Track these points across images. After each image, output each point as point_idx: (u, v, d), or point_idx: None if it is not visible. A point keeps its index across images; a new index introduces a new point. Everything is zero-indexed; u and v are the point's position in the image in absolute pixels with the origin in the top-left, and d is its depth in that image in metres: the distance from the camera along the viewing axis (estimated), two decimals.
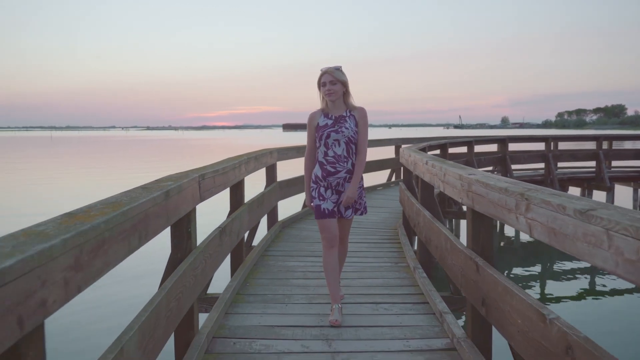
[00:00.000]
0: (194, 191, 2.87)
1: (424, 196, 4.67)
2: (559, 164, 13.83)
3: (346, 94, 3.48)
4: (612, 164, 15.10)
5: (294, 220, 7.05)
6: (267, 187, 6.14)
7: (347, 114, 3.49)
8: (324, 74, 3.44)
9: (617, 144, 20.98)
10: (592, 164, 13.36)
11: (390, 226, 6.90)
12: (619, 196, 13.91)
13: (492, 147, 13.49)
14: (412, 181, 5.89)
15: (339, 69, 3.45)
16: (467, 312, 3.00)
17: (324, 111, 3.53)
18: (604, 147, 13.69)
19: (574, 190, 14.24)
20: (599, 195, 13.77)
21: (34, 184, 20.99)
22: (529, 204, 2.04)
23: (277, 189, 6.44)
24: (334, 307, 3.49)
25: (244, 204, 4.67)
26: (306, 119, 3.58)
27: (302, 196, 7.24)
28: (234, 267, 4.56)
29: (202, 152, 46.71)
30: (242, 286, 4.20)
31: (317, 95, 3.53)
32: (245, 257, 4.81)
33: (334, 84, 3.41)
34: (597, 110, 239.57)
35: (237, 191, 4.55)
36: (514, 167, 12.87)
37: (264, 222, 6.27)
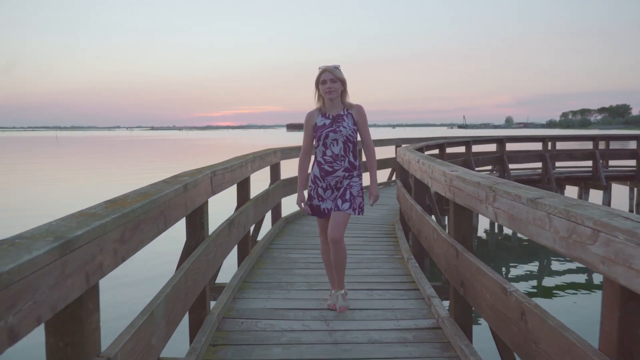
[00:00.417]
0: (207, 186, 3.23)
1: (417, 192, 5.03)
2: (557, 164, 14.15)
3: (344, 93, 3.48)
4: (610, 163, 15.42)
5: (296, 216, 7.40)
6: (271, 184, 6.50)
7: (345, 113, 3.49)
8: (323, 71, 3.42)
9: (622, 144, 21.24)
10: (590, 163, 13.67)
11: (388, 222, 7.25)
12: (616, 195, 14.17)
13: (492, 147, 13.76)
14: (408, 179, 6.23)
15: (337, 68, 3.44)
16: (450, 294, 3.35)
17: (321, 110, 3.53)
18: (602, 147, 14.02)
19: (571, 189, 14.51)
20: (596, 194, 14.05)
21: (42, 184, 21.40)
22: (495, 195, 2.39)
23: (281, 187, 6.79)
24: (334, 292, 3.74)
25: (250, 199, 5.02)
26: None
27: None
28: (241, 258, 4.91)
29: (204, 152, 47.02)
30: (248, 275, 4.57)
31: (314, 94, 3.51)
32: (251, 249, 5.17)
33: (334, 82, 3.40)
34: (601, 110, 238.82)
35: (244, 187, 4.91)
36: (513, 166, 13.16)
37: (268, 218, 6.61)
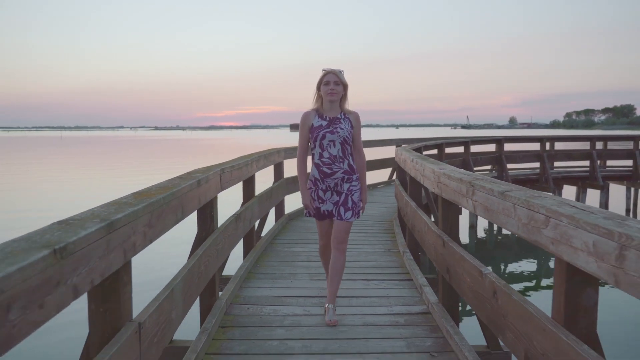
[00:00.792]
0: (217, 182, 3.54)
1: (411, 189, 5.34)
2: (555, 163, 14.42)
3: (344, 98, 3.51)
4: (608, 163, 15.67)
5: (299, 213, 7.70)
6: (275, 182, 6.81)
7: (342, 117, 3.51)
8: (328, 73, 3.44)
9: (622, 145, 21.44)
10: (587, 163, 13.93)
11: (387, 219, 7.55)
12: (613, 195, 14.41)
13: (492, 147, 13.97)
14: (405, 177, 6.53)
15: (342, 72, 3.48)
16: (438, 282, 3.66)
17: (318, 111, 3.53)
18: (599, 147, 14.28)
19: (569, 188, 14.78)
20: (594, 193, 14.31)
21: (58, 182, 21.77)
22: (474, 189, 2.70)
23: (284, 185, 7.10)
24: (328, 306, 3.53)
25: (255, 196, 5.34)
26: None
27: None
28: (246, 251, 5.23)
29: (210, 152, 47.35)
30: (253, 266, 4.88)
31: (313, 95, 3.52)
32: (255, 243, 5.48)
33: (338, 85, 3.43)
34: (605, 110, 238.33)
35: (249, 185, 5.22)
36: (512, 166, 13.44)
37: (272, 215, 6.93)
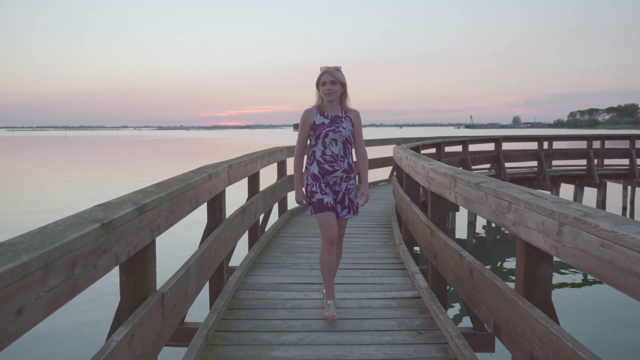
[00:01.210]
0: (225, 176, 3.87)
1: (407, 185, 5.66)
2: (553, 162, 14.68)
3: (343, 95, 3.46)
4: (606, 162, 15.94)
5: (301, 209, 8.00)
6: (278, 179, 7.15)
7: (343, 115, 3.49)
8: (324, 73, 3.40)
9: (620, 144, 21.68)
10: (584, 162, 14.19)
11: (385, 215, 7.88)
12: (610, 193, 14.68)
13: (491, 146, 14.21)
14: (402, 174, 6.86)
15: (339, 70, 3.42)
16: (428, 268, 3.99)
17: (319, 109, 3.50)
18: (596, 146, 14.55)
19: (567, 187, 15.04)
20: (591, 192, 14.59)
21: (68, 182, 22.15)
22: (456, 182, 3.02)
23: (287, 182, 7.43)
24: (329, 302, 3.57)
25: (259, 192, 5.67)
26: None
27: None
28: (251, 243, 5.56)
29: (214, 151, 47.69)
30: (258, 256, 5.21)
31: (314, 93, 3.50)
32: (260, 236, 5.82)
33: (334, 84, 3.38)
34: (609, 109, 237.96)
35: (254, 181, 5.56)
36: (510, 165, 13.72)
37: (275, 211, 7.26)
